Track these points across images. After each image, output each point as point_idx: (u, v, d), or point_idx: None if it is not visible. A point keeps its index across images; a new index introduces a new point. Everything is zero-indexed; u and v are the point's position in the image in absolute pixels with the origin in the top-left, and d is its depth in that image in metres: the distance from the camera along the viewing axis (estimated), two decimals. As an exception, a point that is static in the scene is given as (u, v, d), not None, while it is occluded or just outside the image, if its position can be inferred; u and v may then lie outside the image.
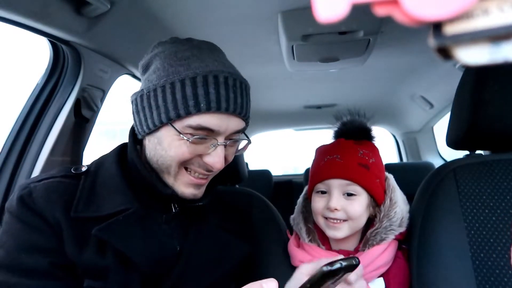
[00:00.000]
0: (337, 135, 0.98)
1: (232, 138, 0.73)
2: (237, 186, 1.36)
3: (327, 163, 0.89)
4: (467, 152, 0.98)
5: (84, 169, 0.75)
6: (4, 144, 1.09)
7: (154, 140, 0.71)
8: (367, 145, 0.93)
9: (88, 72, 1.14)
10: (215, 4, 1.05)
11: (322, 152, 0.94)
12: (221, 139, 0.69)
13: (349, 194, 0.86)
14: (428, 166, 2.32)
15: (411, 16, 0.17)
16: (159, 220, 0.74)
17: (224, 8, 1.08)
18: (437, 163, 2.44)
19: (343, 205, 0.85)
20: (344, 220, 0.86)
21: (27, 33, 0.93)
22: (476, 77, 0.89)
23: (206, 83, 0.65)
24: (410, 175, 1.16)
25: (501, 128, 0.87)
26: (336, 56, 1.44)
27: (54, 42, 1.05)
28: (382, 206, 0.89)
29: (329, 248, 0.92)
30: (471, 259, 0.82)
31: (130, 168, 0.74)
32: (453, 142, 0.97)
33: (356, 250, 0.90)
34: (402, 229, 0.89)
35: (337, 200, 0.85)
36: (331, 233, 0.87)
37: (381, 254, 0.85)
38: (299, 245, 0.93)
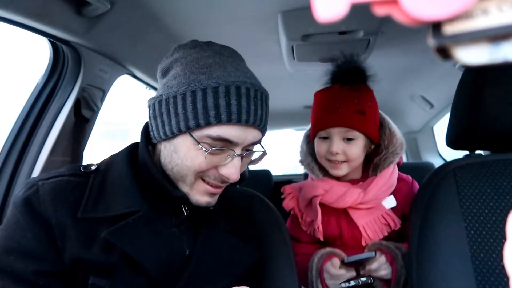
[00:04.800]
0: (333, 79, 1.05)
1: (248, 149, 0.72)
2: (237, 186, 1.36)
3: (327, 112, 1.00)
4: (467, 152, 0.98)
5: (93, 168, 0.74)
6: (4, 144, 1.09)
7: (170, 148, 0.70)
8: (362, 90, 1.02)
9: (88, 72, 1.14)
10: (215, 4, 1.05)
11: (322, 101, 1.04)
12: (238, 150, 0.69)
13: (348, 139, 0.99)
14: (428, 166, 2.32)
15: (410, 16, 0.17)
16: (168, 223, 0.73)
17: (224, 8, 1.07)
18: (437, 163, 2.44)
19: (343, 149, 0.99)
20: (344, 161, 1.00)
21: (27, 33, 0.93)
22: (476, 77, 0.89)
23: (228, 94, 0.64)
24: (410, 175, 1.16)
25: (501, 128, 0.87)
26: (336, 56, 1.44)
27: (54, 42, 1.05)
28: (384, 135, 1.03)
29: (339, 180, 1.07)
30: (471, 259, 0.82)
31: (141, 168, 0.73)
32: (453, 142, 0.97)
33: (366, 176, 1.05)
34: (403, 152, 1.03)
35: (337, 145, 0.98)
36: (334, 172, 1.03)
37: (391, 175, 1.01)
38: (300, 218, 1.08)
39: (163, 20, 1.13)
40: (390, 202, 1.01)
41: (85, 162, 1.21)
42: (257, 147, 0.76)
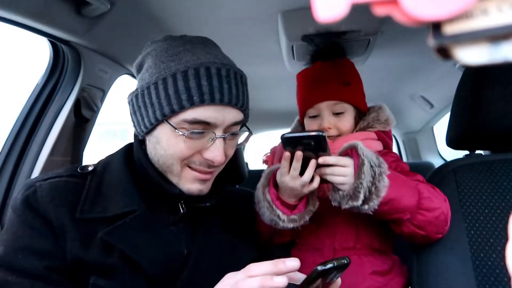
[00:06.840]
0: (313, 58, 1.05)
1: (233, 132, 0.72)
2: (237, 186, 1.36)
3: (312, 89, 0.99)
4: (467, 152, 0.98)
5: (90, 168, 0.75)
6: (4, 144, 1.09)
7: (153, 140, 0.71)
8: (344, 63, 1.03)
9: (88, 72, 1.14)
10: (215, 4, 1.05)
11: (305, 78, 1.04)
12: (219, 132, 0.68)
13: (338, 113, 0.97)
14: (428, 166, 2.31)
15: (410, 16, 0.17)
16: (166, 221, 0.73)
17: (224, 8, 1.08)
18: (437, 163, 2.44)
19: (334, 123, 0.96)
20: (337, 136, 0.97)
21: (27, 33, 0.93)
22: (476, 77, 0.89)
23: (197, 75, 0.65)
24: (410, 175, 1.16)
25: (501, 128, 0.87)
26: (336, 56, 1.44)
27: (54, 42, 1.05)
28: (372, 109, 1.02)
29: None
30: (471, 259, 0.82)
31: (137, 168, 0.73)
32: (453, 142, 0.97)
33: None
34: (388, 127, 1.00)
35: (328, 120, 0.96)
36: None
37: (365, 139, 0.94)
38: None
39: (163, 20, 1.13)
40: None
41: (85, 162, 1.21)
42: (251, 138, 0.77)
